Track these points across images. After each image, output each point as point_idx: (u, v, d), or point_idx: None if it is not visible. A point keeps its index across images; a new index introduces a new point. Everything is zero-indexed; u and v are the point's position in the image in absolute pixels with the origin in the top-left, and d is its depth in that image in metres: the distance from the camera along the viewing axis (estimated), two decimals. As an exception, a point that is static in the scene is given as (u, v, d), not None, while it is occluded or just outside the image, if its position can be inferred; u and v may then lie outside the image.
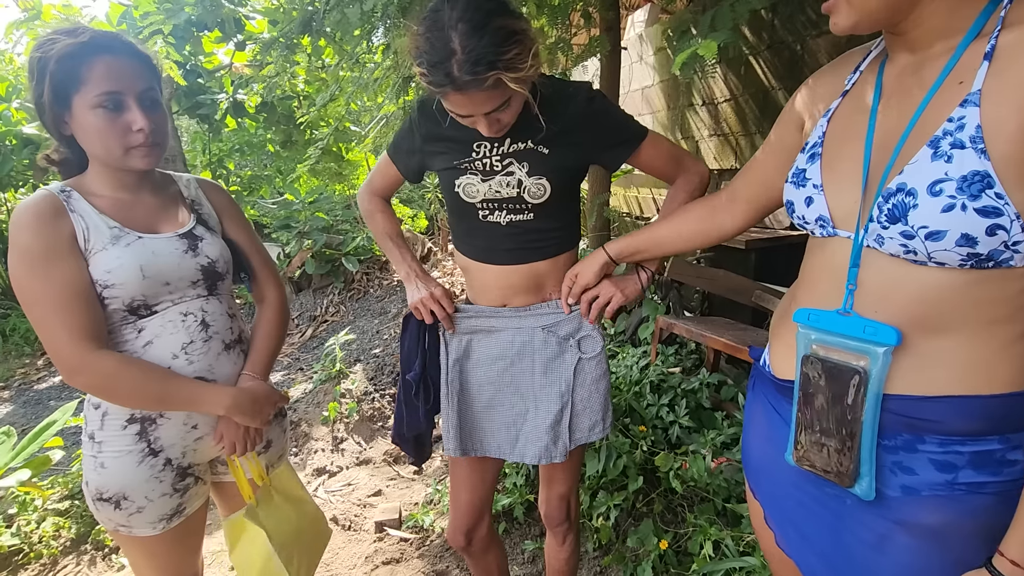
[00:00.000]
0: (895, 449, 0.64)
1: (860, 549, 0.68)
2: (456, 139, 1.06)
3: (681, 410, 1.99)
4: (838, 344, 0.66)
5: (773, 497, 0.83)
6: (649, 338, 2.75)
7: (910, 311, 0.61)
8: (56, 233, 0.94)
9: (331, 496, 2.44)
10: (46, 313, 0.93)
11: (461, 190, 1.07)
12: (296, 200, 5.25)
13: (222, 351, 1.09)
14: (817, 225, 0.72)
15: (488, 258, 1.13)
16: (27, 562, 2.11)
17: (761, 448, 0.84)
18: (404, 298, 4.53)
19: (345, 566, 2.02)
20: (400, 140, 1.18)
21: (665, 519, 1.84)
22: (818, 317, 0.69)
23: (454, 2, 0.84)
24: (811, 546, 0.75)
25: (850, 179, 0.68)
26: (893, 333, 0.61)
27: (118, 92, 0.94)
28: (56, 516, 2.24)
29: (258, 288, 1.29)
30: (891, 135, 0.65)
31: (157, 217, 1.07)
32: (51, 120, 0.97)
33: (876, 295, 0.64)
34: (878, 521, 0.66)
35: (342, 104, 2.69)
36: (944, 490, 0.61)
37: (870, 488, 0.65)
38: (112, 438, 1.02)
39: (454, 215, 1.16)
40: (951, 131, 0.58)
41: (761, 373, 0.85)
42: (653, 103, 4.37)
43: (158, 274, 1.01)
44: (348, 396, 3.11)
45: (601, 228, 3.22)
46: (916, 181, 0.59)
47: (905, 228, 0.59)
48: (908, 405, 0.62)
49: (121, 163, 0.99)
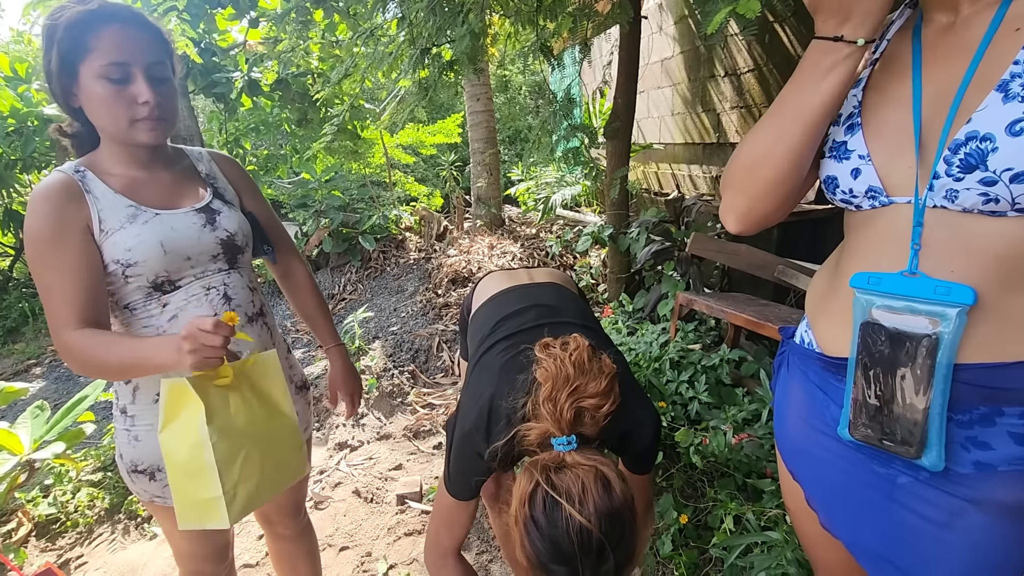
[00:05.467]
0: (969, 424, 0.61)
1: (925, 528, 0.66)
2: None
3: (701, 386, 1.97)
4: (904, 308, 0.62)
5: (818, 479, 0.80)
6: (669, 315, 2.73)
7: (988, 268, 0.58)
8: (66, 218, 0.94)
9: (353, 470, 2.49)
10: (48, 296, 0.94)
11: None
12: (312, 179, 5.26)
13: (245, 324, 1.10)
14: (867, 197, 0.68)
15: None
16: (64, 530, 2.19)
17: (801, 429, 0.81)
18: (420, 276, 4.54)
19: (368, 537, 2.07)
20: (462, 475, 1.03)
21: (685, 494, 1.85)
22: (879, 280, 0.65)
23: (587, 563, 0.77)
24: (866, 526, 0.73)
25: (901, 144, 0.65)
26: (969, 292, 0.58)
27: (125, 63, 0.93)
28: (90, 487, 2.33)
29: (283, 261, 1.31)
30: (945, 91, 0.62)
31: (173, 193, 1.06)
32: (59, 90, 0.97)
33: (948, 254, 0.60)
34: (947, 499, 0.64)
35: (357, 80, 2.66)
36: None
37: (939, 459, 0.62)
38: (144, 411, 1.04)
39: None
40: (1019, 73, 0.56)
41: (801, 352, 0.82)
42: (673, 75, 4.26)
43: (179, 249, 1.01)
44: (368, 372, 3.15)
45: (620, 204, 3.17)
46: (990, 126, 0.56)
47: (985, 175, 0.57)
48: (986, 374, 0.59)
49: (126, 136, 0.98)
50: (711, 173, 3.92)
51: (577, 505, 0.76)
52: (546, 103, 2.77)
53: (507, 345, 1.06)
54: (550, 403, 0.86)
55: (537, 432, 0.85)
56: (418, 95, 2.49)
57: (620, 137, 2.99)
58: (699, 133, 4.01)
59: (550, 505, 0.77)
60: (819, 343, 0.78)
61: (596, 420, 0.88)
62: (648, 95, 4.69)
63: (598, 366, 0.91)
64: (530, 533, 0.79)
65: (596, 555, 0.76)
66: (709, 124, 3.85)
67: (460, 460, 1.01)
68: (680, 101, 4.21)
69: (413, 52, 2.09)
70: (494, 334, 1.13)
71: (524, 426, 0.87)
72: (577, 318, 1.18)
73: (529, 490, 0.80)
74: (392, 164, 6.25)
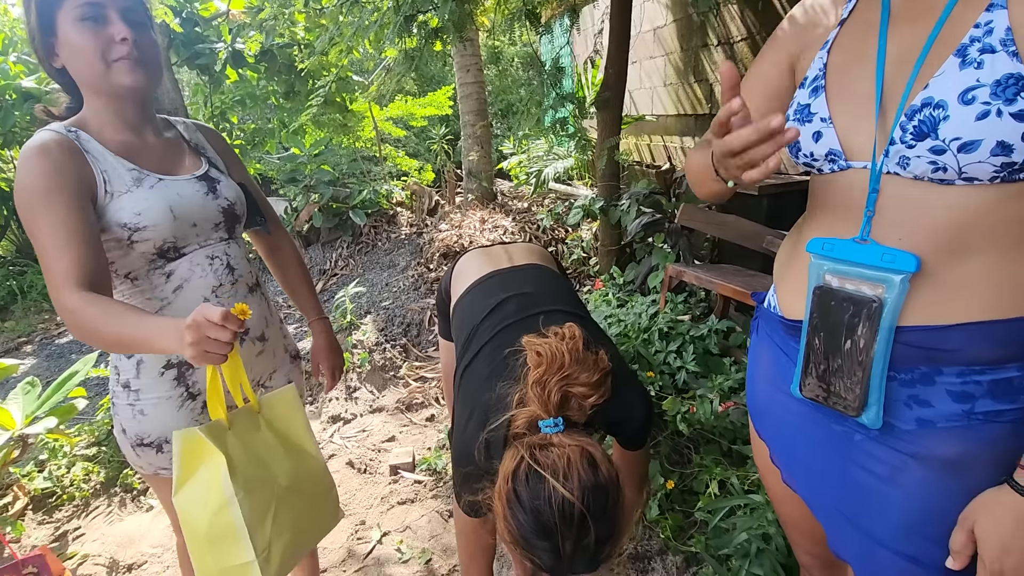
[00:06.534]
0: (911, 383, 0.63)
1: (871, 481, 0.68)
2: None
3: (688, 356, 2.00)
4: (853, 273, 0.65)
5: (779, 436, 0.83)
6: (659, 287, 2.74)
7: (935, 236, 0.59)
8: (65, 173, 0.90)
9: (347, 442, 2.52)
10: (45, 254, 0.88)
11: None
12: (301, 153, 5.18)
13: (248, 294, 1.11)
14: (827, 161, 0.69)
15: None
16: (60, 504, 2.22)
17: (766, 389, 0.84)
18: (412, 250, 4.52)
19: (362, 506, 2.10)
20: (470, 487, 0.97)
21: (672, 460, 1.88)
22: (833, 246, 0.67)
23: (567, 535, 0.76)
24: (820, 482, 0.76)
25: (862, 107, 0.65)
26: (912, 260, 0.60)
27: (100, 3, 0.92)
28: (85, 461, 2.35)
29: (274, 234, 1.30)
30: (907, 54, 0.62)
31: (168, 159, 1.05)
32: (42, 48, 0.95)
33: (898, 221, 0.62)
34: (891, 454, 0.66)
35: (343, 49, 2.60)
36: (961, 421, 0.61)
37: (877, 417, 0.65)
38: (150, 385, 1.02)
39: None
40: (979, 37, 0.55)
41: (767, 315, 0.84)
42: (666, 44, 4.19)
43: (187, 215, 1.00)
44: (360, 347, 3.16)
45: (611, 176, 3.15)
46: (945, 92, 0.56)
47: (935, 143, 0.57)
48: (928, 336, 0.61)
49: (106, 81, 0.94)
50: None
51: (561, 479, 0.76)
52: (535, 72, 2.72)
53: (492, 349, 1.05)
54: (538, 386, 0.85)
55: (525, 416, 0.84)
56: (404, 65, 2.44)
57: (611, 108, 2.96)
58: (691, 104, 3.97)
59: (533, 479, 0.77)
60: (780, 307, 0.80)
61: (583, 408, 0.87)
62: (640, 65, 4.62)
63: (593, 360, 0.91)
64: (512, 508, 0.79)
65: (577, 528, 0.75)
66: (702, 95, 3.81)
67: (461, 469, 0.98)
68: (672, 71, 4.15)
69: (397, 19, 2.04)
70: (476, 337, 1.12)
71: (513, 413, 0.86)
72: (561, 304, 1.17)
73: (513, 466, 0.80)
74: (383, 138, 6.16)
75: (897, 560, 0.66)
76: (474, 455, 0.92)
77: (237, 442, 0.83)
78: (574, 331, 0.93)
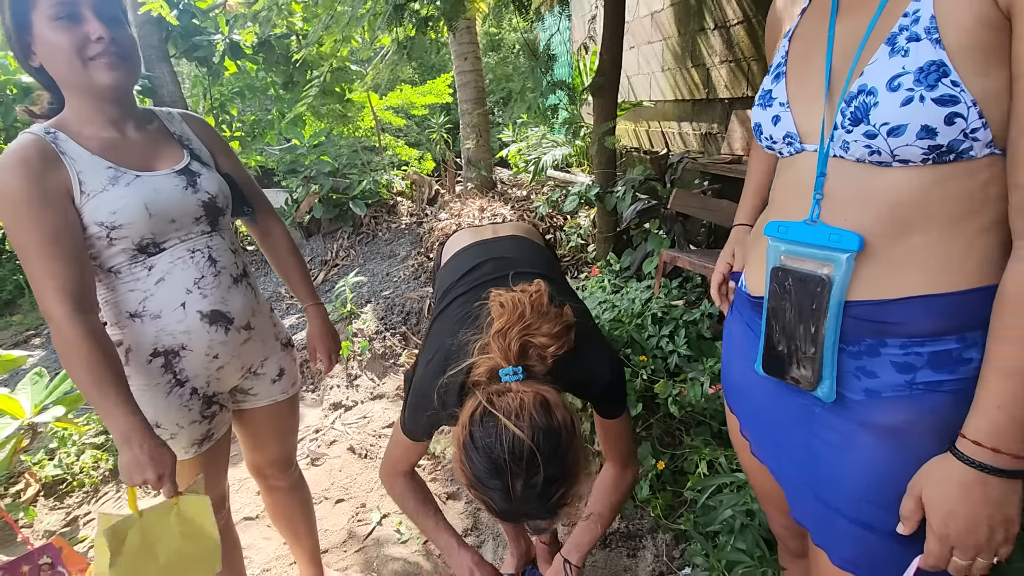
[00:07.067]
0: (859, 355, 0.67)
1: (827, 451, 0.72)
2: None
3: (680, 340, 2.02)
4: (805, 254, 0.68)
5: (748, 409, 0.87)
6: (654, 272, 2.76)
7: (878, 215, 0.62)
8: (45, 179, 0.92)
9: (348, 428, 2.57)
10: (31, 262, 0.92)
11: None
12: (301, 144, 5.20)
13: (231, 285, 1.13)
14: (785, 143, 0.73)
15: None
16: (71, 490, 2.29)
17: (737, 364, 0.88)
18: (412, 240, 4.55)
19: (362, 490, 2.16)
20: (417, 418, 1.07)
21: (663, 442, 1.92)
22: (786, 228, 0.70)
23: (517, 472, 0.78)
24: (785, 453, 0.80)
25: (815, 92, 0.68)
26: (855, 239, 0.63)
27: (73, 1, 0.93)
28: (94, 449, 2.41)
29: (262, 221, 1.33)
30: (851, 43, 0.65)
31: (149, 154, 1.06)
32: (19, 49, 0.97)
33: (843, 203, 0.65)
34: (843, 424, 0.69)
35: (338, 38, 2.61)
36: (904, 390, 0.64)
37: (831, 391, 0.68)
38: (138, 372, 1.06)
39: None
40: (907, 26, 0.58)
41: (739, 293, 0.88)
42: (664, 29, 4.16)
43: (163, 211, 1.02)
44: (360, 335, 3.21)
45: (607, 163, 3.16)
46: (875, 79, 0.59)
47: (868, 128, 0.60)
48: (873, 310, 0.64)
49: (85, 80, 0.96)
50: (700, 130, 3.89)
51: (513, 418, 0.77)
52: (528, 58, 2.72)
53: (464, 300, 1.08)
54: (500, 336, 0.87)
55: (486, 365, 0.86)
56: (397, 54, 2.45)
57: (605, 94, 2.96)
58: (689, 89, 3.96)
59: (488, 420, 0.79)
60: (748, 285, 0.83)
61: (543, 358, 0.89)
62: (639, 50, 4.60)
63: (556, 312, 0.93)
64: (467, 449, 0.81)
65: (527, 466, 0.77)
66: (699, 79, 3.80)
67: (415, 401, 1.03)
68: (670, 56, 4.13)
69: (387, 9, 2.05)
70: (452, 291, 1.16)
71: (475, 360, 0.88)
72: (536, 267, 1.19)
73: (470, 411, 0.82)
74: (383, 128, 6.16)
75: (852, 527, 0.69)
76: (432, 397, 0.95)
77: (136, 531, 0.99)
78: (540, 286, 0.95)
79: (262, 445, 1.37)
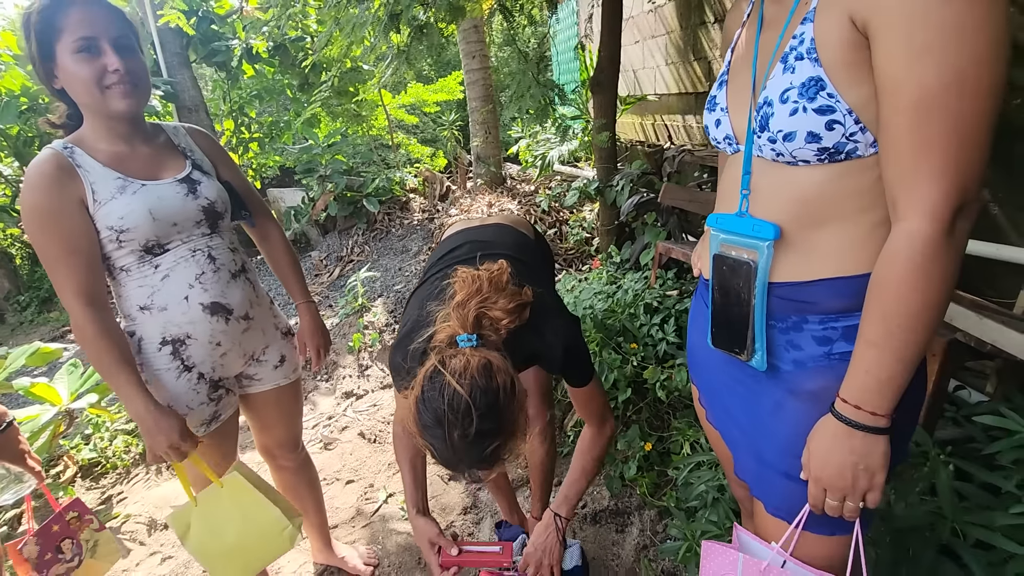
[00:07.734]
0: (786, 330, 0.76)
1: (763, 416, 0.82)
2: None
3: (670, 328, 2.11)
4: (736, 242, 0.78)
5: (706, 381, 0.97)
6: (651, 263, 2.84)
7: (791, 208, 0.72)
8: (63, 192, 1.07)
9: (359, 415, 2.71)
10: (53, 266, 1.07)
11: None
12: (316, 145, 5.36)
13: (230, 279, 1.26)
14: (726, 143, 0.83)
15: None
16: (105, 472, 2.47)
17: (696, 339, 0.98)
18: (424, 236, 4.68)
19: (371, 472, 2.29)
20: (398, 380, 1.17)
21: (652, 425, 2.01)
22: (723, 220, 0.80)
23: (454, 423, 0.87)
24: (732, 419, 0.91)
25: (744, 99, 0.78)
26: (772, 228, 0.72)
27: (93, 37, 1.06)
28: (125, 435, 2.59)
29: (259, 225, 1.45)
30: (764, 56, 0.75)
31: (155, 165, 1.19)
32: (43, 74, 1.10)
33: (764, 197, 0.75)
34: (776, 391, 0.79)
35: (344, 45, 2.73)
36: (823, 360, 0.74)
37: (763, 360, 0.78)
38: (150, 359, 1.19)
39: None
40: (795, 46, 0.67)
41: (701, 278, 0.98)
42: (667, 23, 4.20)
43: (166, 216, 1.15)
44: (371, 328, 3.35)
45: (608, 158, 3.23)
46: (773, 92, 0.69)
47: (770, 134, 0.70)
48: (794, 290, 0.74)
49: (102, 105, 1.10)
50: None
51: (456, 377, 0.88)
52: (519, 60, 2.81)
53: (436, 277, 1.20)
54: (460, 307, 0.97)
55: (446, 332, 0.96)
56: (397, 58, 2.56)
57: (604, 90, 3.03)
58: (691, 82, 3.99)
59: (436, 376, 0.90)
60: (703, 270, 0.94)
61: (497, 329, 0.98)
62: (643, 44, 4.64)
63: (515, 290, 1.02)
64: (417, 403, 0.91)
65: (463, 416, 0.86)
66: (701, 72, 3.83)
67: (393, 364, 1.15)
68: (673, 50, 4.17)
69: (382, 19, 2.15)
70: (430, 270, 1.27)
71: (437, 328, 0.98)
72: (511, 250, 1.28)
73: (425, 370, 0.92)
74: (396, 126, 6.30)
75: (780, 478, 0.80)
76: (401, 363, 1.07)
77: (198, 513, 1.24)
78: (502, 265, 1.05)
79: (269, 427, 1.50)
